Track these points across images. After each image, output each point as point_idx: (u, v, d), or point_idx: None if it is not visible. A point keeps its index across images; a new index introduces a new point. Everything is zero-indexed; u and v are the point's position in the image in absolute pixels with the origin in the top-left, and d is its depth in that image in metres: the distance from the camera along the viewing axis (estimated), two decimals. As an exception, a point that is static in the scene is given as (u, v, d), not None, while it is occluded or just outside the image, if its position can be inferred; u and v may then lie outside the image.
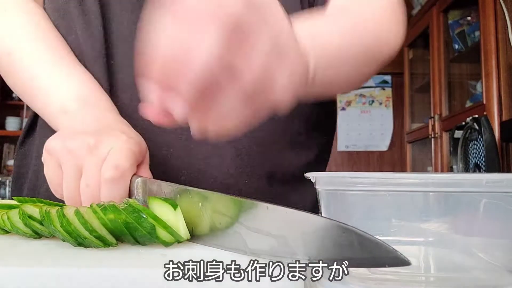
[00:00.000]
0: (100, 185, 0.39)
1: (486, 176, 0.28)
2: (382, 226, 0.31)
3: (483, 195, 0.29)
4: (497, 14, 1.69)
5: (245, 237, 0.29)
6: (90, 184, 0.39)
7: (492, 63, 1.68)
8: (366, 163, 3.11)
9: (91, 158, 0.39)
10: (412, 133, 2.52)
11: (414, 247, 0.33)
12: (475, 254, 0.31)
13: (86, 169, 0.39)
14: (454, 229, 0.31)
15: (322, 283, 0.28)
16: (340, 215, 0.31)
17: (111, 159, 0.39)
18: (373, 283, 0.28)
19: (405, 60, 2.66)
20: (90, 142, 0.39)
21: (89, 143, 0.39)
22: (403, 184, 0.29)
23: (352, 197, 0.30)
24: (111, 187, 0.38)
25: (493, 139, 1.58)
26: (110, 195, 0.38)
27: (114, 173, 0.38)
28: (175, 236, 0.32)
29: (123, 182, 0.39)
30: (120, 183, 0.39)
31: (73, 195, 0.40)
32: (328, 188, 0.31)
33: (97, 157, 0.39)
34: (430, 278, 0.32)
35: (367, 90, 3.15)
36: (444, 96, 2.14)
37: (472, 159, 1.73)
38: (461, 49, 2.08)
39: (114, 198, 0.38)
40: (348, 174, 0.29)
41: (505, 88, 1.65)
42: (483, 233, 0.31)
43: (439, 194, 0.30)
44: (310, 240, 0.26)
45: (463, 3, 2.05)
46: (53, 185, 0.42)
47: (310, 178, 0.33)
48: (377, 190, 0.29)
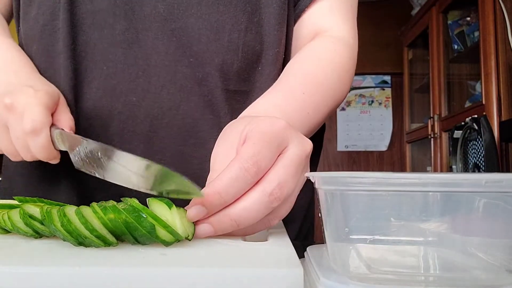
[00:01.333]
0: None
1: (486, 176, 0.28)
2: (382, 226, 0.31)
3: (483, 195, 0.29)
4: (496, 14, 1.69)
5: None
6: (18, 136, 0.46)
7: (491, 64, 1.68)
8: (365, 163, 3.12)
9: (11, 115, 0.46)
10: (412, 133, 2.52)
11: (414, 247, 0.33)
12: (475, 254, 0.31)
13: (10, 125, 0.46)
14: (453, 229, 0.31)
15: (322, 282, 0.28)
16: (340, 215, 0.31)
17: (25, 114, 0.45)
18: (373, 283, 0.28)
19: (405, 60, 2.66)
20: (6, 102, 0.45)
21: (6, 103, 0.45)
22: (403, 184, 0.29)
23: (352, 197, 0.30)
24: (34, 138, 0.45)
25: (492, 139, 1.58)
26: (37, 145, 0.46)
27: (31, 126, 0.44)
28: (174, 236, 0.32)
29: (42, 132, 0.45)
30: (40, 134, 0.45)
31: (10, 149, 0.48)
32: (328, 188, 0.31)
33: (15, 113, 0.45)
34: (430, 278, 0.32)
35: (366, 90, 3.15)
36: (444, 96, 2.15)
37: (472, 159, 1.73)
38: (460, 49, 2.08)
39: (42, 147, 0.46)
40: (348, 174, 0.29)
41: (504, 88, 1.65)
42: (483, 233, 0.31)
43: (439, 194, 0.30)
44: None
45: (462, 4, 2.05)
46: None
47: (310, 178, 0.33)
48: (377, 190, 0.29)
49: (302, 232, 0.64)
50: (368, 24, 2.94)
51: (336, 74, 0.55)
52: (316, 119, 0.51)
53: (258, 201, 0.34)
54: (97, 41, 0.54)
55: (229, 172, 0.33)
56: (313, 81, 0.52)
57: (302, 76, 0.52)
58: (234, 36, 0.55)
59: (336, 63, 0.55)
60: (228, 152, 0.37)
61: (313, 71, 0.53)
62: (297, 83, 0.51)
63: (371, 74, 3.12)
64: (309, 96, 0.50)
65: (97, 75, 0.55)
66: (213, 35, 0.54)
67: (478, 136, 1.65)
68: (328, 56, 0.56)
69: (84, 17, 0.55)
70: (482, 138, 1.60)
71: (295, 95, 0.50)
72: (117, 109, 0.54)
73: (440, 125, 2.14)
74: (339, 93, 0.55)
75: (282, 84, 0.52)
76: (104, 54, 0.54)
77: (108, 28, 0.54)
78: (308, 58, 0.55)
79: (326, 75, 0.54)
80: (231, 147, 0.38)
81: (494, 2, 1.69)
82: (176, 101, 0.54)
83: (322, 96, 0.52)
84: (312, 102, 0.51)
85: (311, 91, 0.51)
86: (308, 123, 0.50)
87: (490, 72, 1.68)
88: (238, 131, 0.38)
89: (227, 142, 0.39)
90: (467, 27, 2.03)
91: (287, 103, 0.48)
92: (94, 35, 0.54)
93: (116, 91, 0.54)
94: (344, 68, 0.56)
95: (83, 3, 0.55)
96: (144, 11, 0.54)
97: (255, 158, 0.34)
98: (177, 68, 0.54)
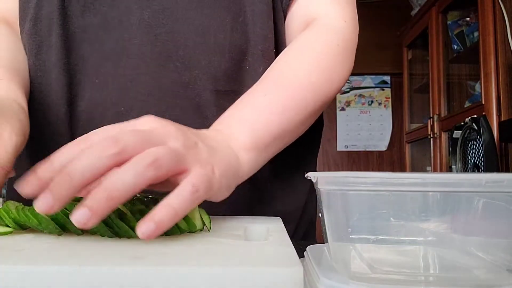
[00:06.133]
0: None
1: (486, 176, 0.28)
2: (382, 226, 0.31)
3: (483, 195, 0.29)
4: (496, 15, 1.69)
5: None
6: None
7: (491, 64, 1.68)
8: (365, 163, 3.12)
9: None
10: (411, 133, 2.52)
11: (414, 247, 0.33)
12: (475, 254, 0.31)
13: None
14: (453, 229, 0.31)
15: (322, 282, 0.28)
16: (341, 214, 0.31)
17: None
18: (373, 283, 0.28)
19: (404, 60, 2.66)
20: None
21: None
22: (405, 184, 0.29)
23: (352, 197, 0.30)
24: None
25: (492, 139, 1.58)
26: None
27: None
28: (190, 225, 0.35)
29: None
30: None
31: None
32: (329, 188, 0.31)
33: None
34: (430, 278, 0.32)
35: (366, 91, 3.16)
36: (443, 97, 2.15)
37: (471, 159, 1.73)
38: (460, 49, 2.08)
39: None
40: (349, 174, 0.29)
41: (504, 88, 1.65)
42: (483, 233, 0.31)
43: (439, 194, 0.30)
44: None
45: (462, 4, 2.05)
46: None
47: (310, 178, 0.33)
48: (379, 190, 0.29)
49: (299, 232, 0.64)
50: (368, 24, 2.93)
51: (321, 66, 0.53)
52: (297, 117, 0.49)
53: (128, 167, 0.31)
54: (89, 55, 0.56)
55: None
56: (292, 80, 0.50)
57: (278, 76, 0.51)
58: (220, 37, 0.55)
59: (321, 54, 0.53)
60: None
61: (293, 69, 0.52)
62: (270, 85, 0.50)
63: (371, 74, 3.12)
64: (284, 97, 0.49)
65: (89, 88, 0.56)
66: (199, 38, 0.55)
67: (477, 136, 1.65)
68: (313, 48, 0.54)
69: (77, 32, 0.56)
70: (481, 138, 1.60)
71: (265, 100, 0.48)
72: (107, 120, 0.55)
73: (439, 125, 2.14)
74: (327, 85, 0.53)
75: (254, 89, 0.50)
76: (96, 67, 0.55)
77: (99, 42, 0.55)
78: (290, 54, 0.54)
79: (308, 71, 0.51)
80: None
81: (493, 2, 1.69)
82: (162, 107, 0.55)
83: (302, 94, 0.50)
84: (289, 101, 0.49)
85: (287, 91, 0.49)
86: (284, 123, 0.48)
87: (490, 72, 1.68)
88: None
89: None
90: (467, 27, 2.03)
91: (253, 112, 0.47)
92: (86, 49, 0.56)
93: (107, 103, 0.55)
94: (332, 57, 0.54)
95: (76, 18, 0.56)
96: (131, 20, 0.55)
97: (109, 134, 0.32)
98: (163, 73, 0.55)
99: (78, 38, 0.56)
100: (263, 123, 0.46)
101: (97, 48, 0.55)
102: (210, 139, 0.40)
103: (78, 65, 0.56)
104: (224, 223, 0.42)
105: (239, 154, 0.42)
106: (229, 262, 0.28)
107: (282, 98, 0.49)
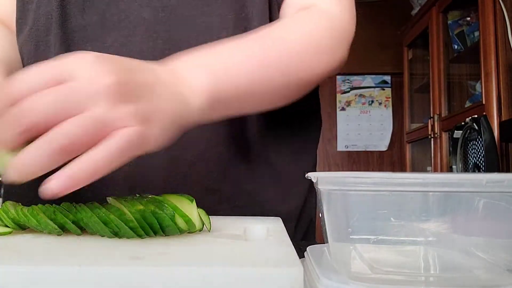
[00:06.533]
0: None
1: (486, 176, 0.28)
2: (382, 226, 0.31)
3: (483, 195, 0.29)
4: (496, 14, 1.69)
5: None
6: None
7: (491, 64, 1.68)
8: (365, 163, 3.12)
9: None
10: (412, 133, 2.52)
11: (414, 247, 0.33)
12: (475, 254, 0.31)
13: None
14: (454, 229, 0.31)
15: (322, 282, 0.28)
16: (341, 215, 0.31)
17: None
18: (373, 283, 0.28)
19: (405, 60, 2.66)
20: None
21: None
22: (405, 184, 0.29)
23: (353, 197, 0.30)
24: None
25: (492, 139, 1.58)
26: None
27: None
28: (189, 225, 0.36)
29: None
30: None
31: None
32: (329, 188, 0.31)
33: None
34: (430, 278, 0.32)
35: (366, 91, 3.15)
36: (444, 96, 2.14)
37: (472, 159, 1.73)
38: (460, 49, 2.08)
39: None
40: (350, 174, 0.29)
41: (505, 88, 1.65)
42: (483, 233, 0.31)
43: (439, 194, 0.30)
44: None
45: (462, 4, 2.05)
46: None
47: (311, 178, 0.33)
48: (379, 190, 0.29)
49: (298, 233, 0.64)
50: (368, 24, 2.94)
51: (312, 40, 0.50)
52: (274, 79, 0.47)
53: (32, 152, 0.30)
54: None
55: None
56: (277, 41, 0.48)
57: (263, 35, 0.48)
58: (223, 35, 0.55)
59: (313, 30, 0.51)
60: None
61: (282, 33, 0.49)
62: (251, 40, 0.47)
63: (371, 74, 3.12)
64: (262, 54, 0.46)
65: None
66: (201, 36, 0.54)
67: (478, 136, 1.65)
68: (306, 23, 0.52)
69: (76, 31, 0.56)
70: (482, 138, 1.60)
71: (238, 52, 0.45)
72: None
73: (440, 125, 2.14)
74: (314, 60, 0.50)
75: (232, 40, 0.47)
76: None
77: (99, 40, 0.55)
78: (282, 22, 0.52)
79: (297, 39, 0.49)
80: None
81: (494, 2, 1.69)
82: None
83: (285, 58, 0.47)
84: (267, 60, 0.46)
85: (268, 50, 0.47)
86: (256, 80, 0.45)
87: (490, 72, 1.68)
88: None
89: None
90: (467, 27, 2.03)
91: (218, 59, 0.44)
92: (86, 48, 0.55)
93: None
94: (323, 37, 0.52)
95: (75, 17, 0.56)
96: (130, 18, 0.55)
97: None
98: None
99: (77, 37, 0.56)
100: (228, 72, 0.43)
101: (98, 47, 0.55)
102: (156, 84, 0.37)
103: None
104: (224, 223, 0.42)
105: (189, 99, 0.39)
106: (229, 262, 0.28)
107: (259, 54, 0.46)
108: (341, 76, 3.13)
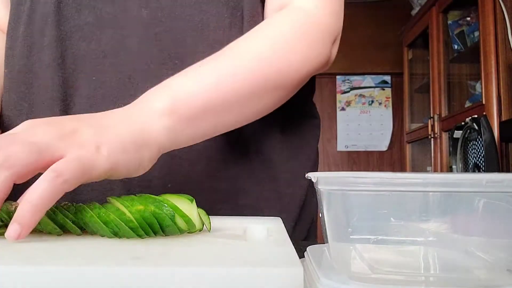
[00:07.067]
0: None
1: (486, 176, 0.28)
2: (382, 226, 0.31)
3: (483, 195, 0.29)
4: (496, 14, 1.69)
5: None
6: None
7: (491, 64, 1.68)
8: (365, 163, 3.12)
9: None
10: (412, 133, 2.52)
11: (414, 247, 0.33)
12: (475, 254, 0.31)
13: None
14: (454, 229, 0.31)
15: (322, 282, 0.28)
16: (341, 215, 0.31)
17: None
18: (373, 283, 0.28)
19: (405, 60, 2.66)
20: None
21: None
22: (405, 184, 0.29)
23: (353, 197, 0.30)
24: None
25: (492, 139, 1.58)
26: None
27: None
28: (189, 225, 0.36)
29: None
30: None
31: None
32: (329, 188, 0.31)
33: None
34: (430, 278, 0.32)
35: (366, 90, 3.15)
36: (444, 96, 2.14)
37: (472, 159, 1.73)
38: (460, 49, 2.08)
39: None
40: (350, 174, 0.29)
41: (505, 88, 1.65)
42: (483, 233, 0.31)
43: (439, 194, 0.30)
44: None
45: (462, 4, 2.05)
46: None
47: (311, 178, 0.33)
48: (379, 190, 0.29)
49: (299, 232, 0.64)
50: (368, 24, 2.94)
51: (279, 43, 0.50)
52: (239, 89, 0.47)
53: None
54: (86, 53, 0.56)
55: None
56: (240, 52, 0.48)
57: (229, 48, 0.49)
58: (219, 33, 0.55)
59: (282, 32, 0.51)
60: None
61: (247, 43, 0.50)
62: (215, 57, 0.48)
63: (371, 74, 3.12)
64: (224, 67, 0.47)
65: (86, 86, 0.56)
66: (198, 36, 0.55)
67: (478, 136, 1.65)
68: (276, 26, 0.51)
69: (72, 31, 0.56)
70: (482, 138, 1.60)
71: (201, 69, 0.46)
72: None
73: (440, 125, 2.14)
74: (283, 61, 0.50)
75: (199, 61, 0.48)
76: (93, 65, 0.55)
77: (95, 40, 0.55)
78: (251, 32, 0.52)
79: (262, 45, 0.49)
80: None
81: (494, 2, 1.69)
82: None
83: (248, 66, 0.47)
84: (229, 71, 0.46)
85: (231, 61, 0.47)
86: (219, 93, 0.46)
87: (490, 72, 1.68)
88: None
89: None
90: (467, 27, 2.03)
91: (181, 80, 0.45)
92: (82, 48, 0.56)
93: (105, 99, 0.55)
94: (295, 37, 0.51)
95: (71, 18, 0.56)
96: (128, 17, 0.55)
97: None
98: (162, 71, 0.54)
99: (74, 37, 0.56)
100: (189, 90, 0.44)
101: (94, 46, 0.55)
102: (103, 119, 0.39)
103: (74, 64, 0.56)
104: (224, 223, 0.42)
105: (151, 123, 0.41)
106: (229, 262, 0.28)
107: (221, 67, 0.47)
108: (341, 76, 3.13)
